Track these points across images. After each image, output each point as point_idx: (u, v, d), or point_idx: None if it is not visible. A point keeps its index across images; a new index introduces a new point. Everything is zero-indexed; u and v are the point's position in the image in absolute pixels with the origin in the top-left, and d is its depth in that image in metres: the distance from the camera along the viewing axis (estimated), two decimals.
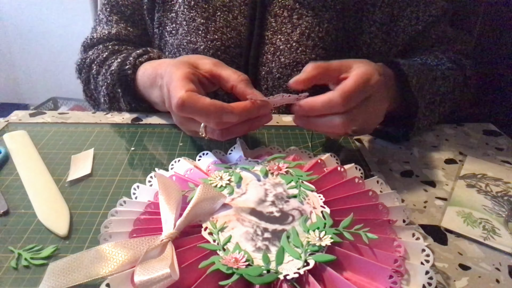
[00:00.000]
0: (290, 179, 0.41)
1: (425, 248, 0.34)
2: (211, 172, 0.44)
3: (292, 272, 0.30)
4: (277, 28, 0.63)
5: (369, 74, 0.44)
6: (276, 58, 0.63)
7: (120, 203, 0.39)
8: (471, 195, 0.45)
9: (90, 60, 0.68)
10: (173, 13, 0.66)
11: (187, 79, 0.45)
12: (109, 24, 0.70)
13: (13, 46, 2.26)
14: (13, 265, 0.34)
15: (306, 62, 0.62)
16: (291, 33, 0.63)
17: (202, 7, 0.64)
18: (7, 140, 0.53)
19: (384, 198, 0.39)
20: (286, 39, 0.63)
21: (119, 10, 0.70)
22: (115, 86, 0.60)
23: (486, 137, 0.60)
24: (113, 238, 0.35)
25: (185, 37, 0.65)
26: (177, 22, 0.66)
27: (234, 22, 0.64)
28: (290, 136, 0.56)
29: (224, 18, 0.63)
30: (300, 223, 0.35)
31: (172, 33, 0.67)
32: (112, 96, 0.62)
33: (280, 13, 0.63)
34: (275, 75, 0.64)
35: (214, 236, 0.34)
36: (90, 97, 0.71)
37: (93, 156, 0.50)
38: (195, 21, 0.64)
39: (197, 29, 0.64)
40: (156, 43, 0.70)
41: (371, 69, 0.45)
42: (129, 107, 0.62)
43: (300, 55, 0.62)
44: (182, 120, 0.47)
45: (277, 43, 0.63)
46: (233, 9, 0.64)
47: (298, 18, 0.62)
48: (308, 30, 0.62)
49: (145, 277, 0.29)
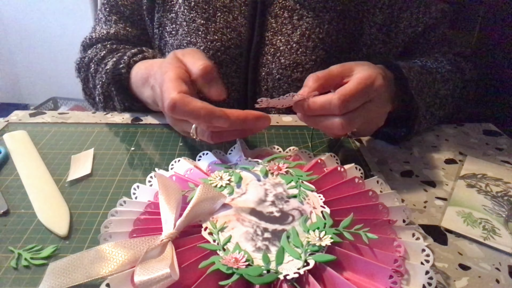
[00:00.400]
0: (290, 179, 0.41)
1: (425, 248, 0.34)
2: (211, 172, 0.44)
3: (292, 272, 0.30)
4: (278, 29, 0.63)
5: (372, 78, 0.44)
6: (276, 59, 0.63)
7: (120, 203, 0.39)
8: (471, 195, 0.45)
9: (89, 58, 0.68)
10: (173, 13, 0.66)
11: (179, 79, 0.44)
12: (108, 24, 0.70)
13: (13, 46, 2.26)
14: (13, 265, 0.34)
15: (306, 63, 0.63)
16: (291, 34, 0.63)
17: (202, 7, 0.64)
18: (7, 140, 0.53)
19: (384, 198, 0.39)
20: (287, 40, 0.63)
21: (118, 10, 0.70)
22: (110, 85, 0.61)
23: (486, 137, 0.60)
24: (113, 238, 0.35)
25: (185, 37, 0.65)
26: (177, 23, 0.66)
27: (234, 22, 0.64)
28: (290, 136, 0.56)
29: (224, 18, 0.63)
30: (300, 223, 0.35)
31: (172, 33, 0.67)
32: (107, 95, 0.63)
33: (280, 14, 0.63)
34: (275, 76, 0.64)
35: (214, 236, 0.34)
36: (89, 96, 0.71)
37: (93, 156, 0.50)
38: (195, 22, 0.64)
39: (197, 30, 0.64)
40: (156, 43, 0.70)
41: (375, 73, 0.45)
42: (123, 107, 0.62)
43: (300, 56, 0.62)
44: (175, 121, 0.48)
45: (277, 44, 0.63)
46: (234, 9, 0.64)
47: (299, 19, 0.62)
48: (309, 31, 0.62)
49: (145, 277, 0.29)
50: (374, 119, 0.48)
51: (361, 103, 0.44)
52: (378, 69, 0.46)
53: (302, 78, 0.63)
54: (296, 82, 0.63)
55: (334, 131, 0.45)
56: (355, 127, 0.45)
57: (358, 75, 0.44)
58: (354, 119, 0.44)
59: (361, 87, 0.43)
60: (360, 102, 0.43)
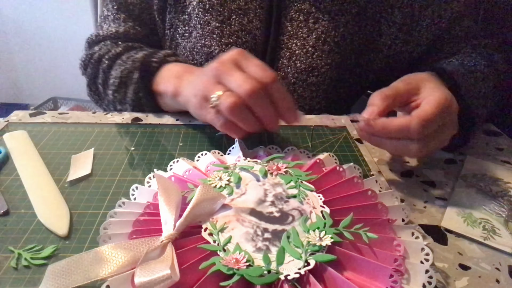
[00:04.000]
0: (289, 179, 0.41)
1: (424, 247, 0.34)
2: (210, 172, 0.44)
3: (293, 272, 0.30)
4: (293, 33, 0.63)
5: (448, 101, 0.43)
6: (292, 63, 0.63)
7: (119, 204, 0.39)
8: (471, 195, 0.45)
9: (99, 55, 0.67)
10: (186, 15, 0.65)
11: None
12: (117, 22, 0.69)
13: (13, 46, 2.26)
14: (13, 265, 0.34)
15: (321, 67, 0.62)
16: (307, 37, 0.62)
17: (217, 10, 0.63)
18: (7, 140, 0.53)
19: (383, 198, 0.39)
20: (302, 43, 0.62)
21: (127, 9, 0.69)
22: (133, 72, 0.59)
23: (486, 137, 0.60)
24: (112, 239, 0.34)
25: (199, 40, 0.64)
26: (190, 25, 0.65)
27: (250, 25, 0.63)
28: (290, 136, 0.56)
29: (240, 21, 0.63)
30: (300, 223, 0.35)
31: (185, 35, 0.66)
32: (124, 81, 0.61)
33: (296, 17, 0.62)
34: (290, 80, 0.63)
35: (214, 236, 0.34)
36: (94, 92, 0.70)
37: (93, 156, 0.50)
38: (210, 25, 0.63)
39: (211, 33, 0.63)
40: (167, 44, 0.70)
41: (449, 95, 0.44)
42: (134, 97, 0.61)
43: (316, 60, 0.62)
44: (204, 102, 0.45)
45: (292, 47, 0.63)
46: (249, 12, 0.63)
47: (314, 22, 0.62)
48: (324, 34, 0.61)
49: (145, 279, 0.29)
50: (444, 142, 0.46)
51: (438, 126, 0.43)
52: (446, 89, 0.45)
53: (317, 82, 0.63)
54: (311, 86, 0.63)
55: (408, 155, 0.44)
56: (430, 151, 0.44)
57: (432, 97, 0.43)
58: (428, 143, 0.43)
59: (439, 111, 0.42)
60: (437, 125, 0.42)
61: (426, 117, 0.41)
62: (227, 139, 0.55)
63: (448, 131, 0.45)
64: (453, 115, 0.44)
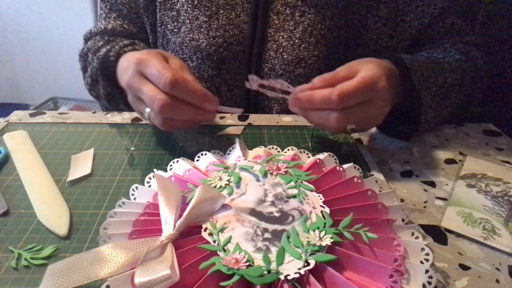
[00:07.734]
0: (289, 179, 0.41)
1: (424, 247, 0.34)
2: (210, 172, 0.44)
3: (293, 272, 0.30)
4: (280, 25, 0.64)
5: (376, 78, 0.45)
6: (279, 55, 0.64)
7: (119, 204, 0.39)
8: (471, 195, 0.45)
9: (87, 49, 0.70)
10: (174, 11, 0.67)
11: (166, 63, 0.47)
12: (107, 20, 0.73)
13: (13, 46, 2.25)
14: (13, 265, 0.34)
15: (309, 58, 0.63)
16: (293, 30, 0.63)
17: (205, 5, 0.64)
18: (7, 140, 0.53)
19: (383, 198, 0.39)
20: (289, 36, 0.63)
21: (117, 8, 0.72)
22: (98, 70, 0.62)
23: (486, 137, 0.60)
24: (112, 239, 0.34)
25: (187, 34, 0.66)
26: (179, 21, 0.67)
27: (237, 19, 0.64)
28: (290, 136, 0.56)
29: (227, 16, 0.64)
30: (300, 223, 0.35)
31: (174, 31, 0.68)
32: (94, 79, 0.64)
33: (282, 11, 0.63)
34: (278, 72, 0.64)
35: (214, 236, 0.34)
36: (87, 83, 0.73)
37: (93, 156, 0.50)
38: (198, 19, 0.65)
39: (199, 27, 0.65)
40: (160, 41, 0.72)
41: (379, 73, 0.45)
42: (106, 92, 0.63)
43: (303, 52, 0.63)
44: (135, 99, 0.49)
45: (279, 40, 0.64)
46: (236, 7, 0.64)
47: (301, 15, 0.63)
48: (311, 27, 0.62)
49: (145, 279, 0.29)
50: (372, 118, 0.49)
51: (360, 101, 0.45)
52: (383, 69, 0.47)
53: (305, 73, 0.63)
54: (298, 77, 0.64)
55: (330, 124, 0.46)
56: (350, 122, 0.46)
57: (363, 73, 0.45)
58: (350, 115, 0.45)
59: (361, 86, 0.44)
60: (359, 99, 0.44)
61: (346, 89, 0.43)
62: (227, 139, 0.55)
63: (375, 108, 0.47)
64: (381, 92, 0.45)
